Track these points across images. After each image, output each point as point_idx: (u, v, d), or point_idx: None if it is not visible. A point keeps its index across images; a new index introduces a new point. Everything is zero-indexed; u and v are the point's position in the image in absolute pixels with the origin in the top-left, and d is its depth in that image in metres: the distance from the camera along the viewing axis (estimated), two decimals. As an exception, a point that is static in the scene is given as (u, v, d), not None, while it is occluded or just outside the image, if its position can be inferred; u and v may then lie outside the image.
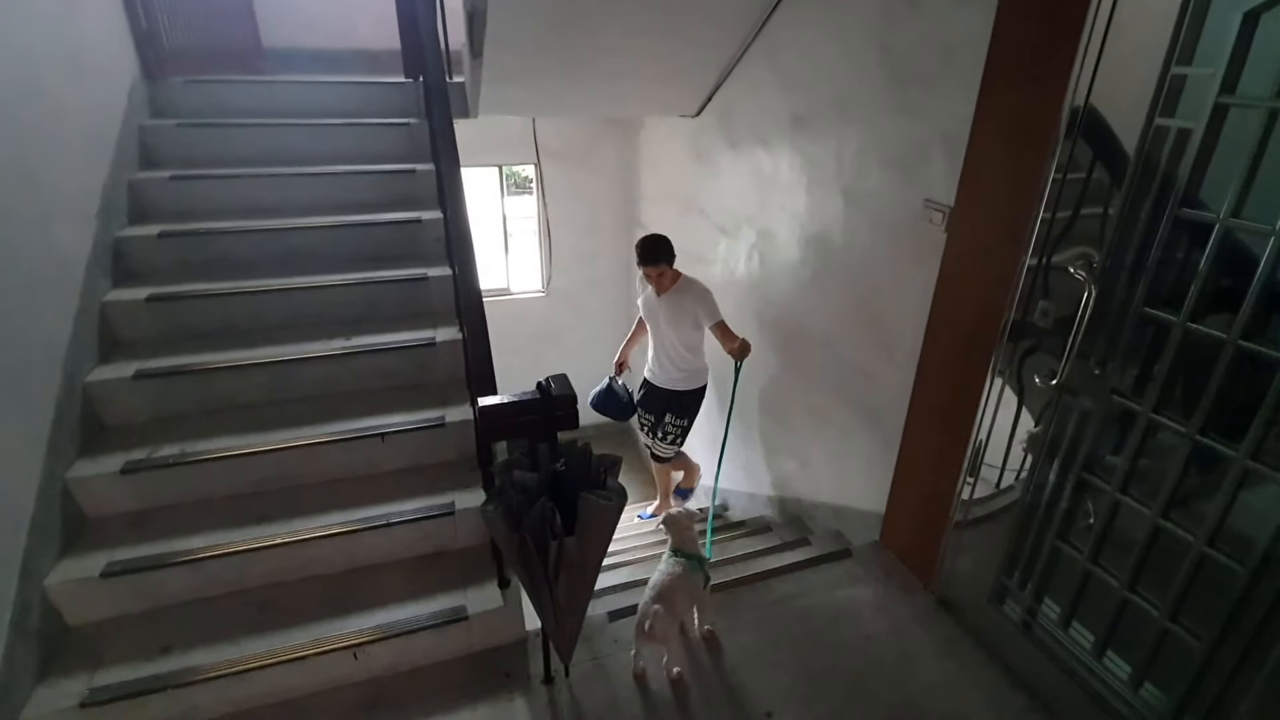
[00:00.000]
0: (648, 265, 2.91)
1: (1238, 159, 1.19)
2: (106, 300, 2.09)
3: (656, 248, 2.91)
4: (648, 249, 2.91)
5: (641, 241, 2.94)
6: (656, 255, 2.90)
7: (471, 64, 2.88)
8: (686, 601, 1.81)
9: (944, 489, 1.97)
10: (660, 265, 2.90)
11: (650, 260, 2.90)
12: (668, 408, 3.28)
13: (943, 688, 1.81)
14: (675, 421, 3.30)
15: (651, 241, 2.93)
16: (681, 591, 1.77)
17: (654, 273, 2.93)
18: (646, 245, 2.92)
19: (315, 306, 2.33)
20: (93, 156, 2.18)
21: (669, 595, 1.74)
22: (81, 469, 1.81)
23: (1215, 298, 1.28)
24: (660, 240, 2.93)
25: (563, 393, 1.38)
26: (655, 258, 2.90)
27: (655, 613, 1.68)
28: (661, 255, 2.90)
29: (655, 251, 2.90)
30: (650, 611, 1.69)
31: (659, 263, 2.90)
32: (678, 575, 1.79)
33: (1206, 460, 1.32)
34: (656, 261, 2.90)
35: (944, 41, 1.89)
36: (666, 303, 3.03)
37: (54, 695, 1.55)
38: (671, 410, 3.29)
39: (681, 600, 1.77)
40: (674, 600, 1.74)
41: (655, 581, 1.78)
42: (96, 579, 1.68)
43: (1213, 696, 1.35)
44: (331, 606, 1.79)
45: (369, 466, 2.05)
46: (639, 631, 1.72)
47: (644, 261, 2.92)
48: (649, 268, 2.93)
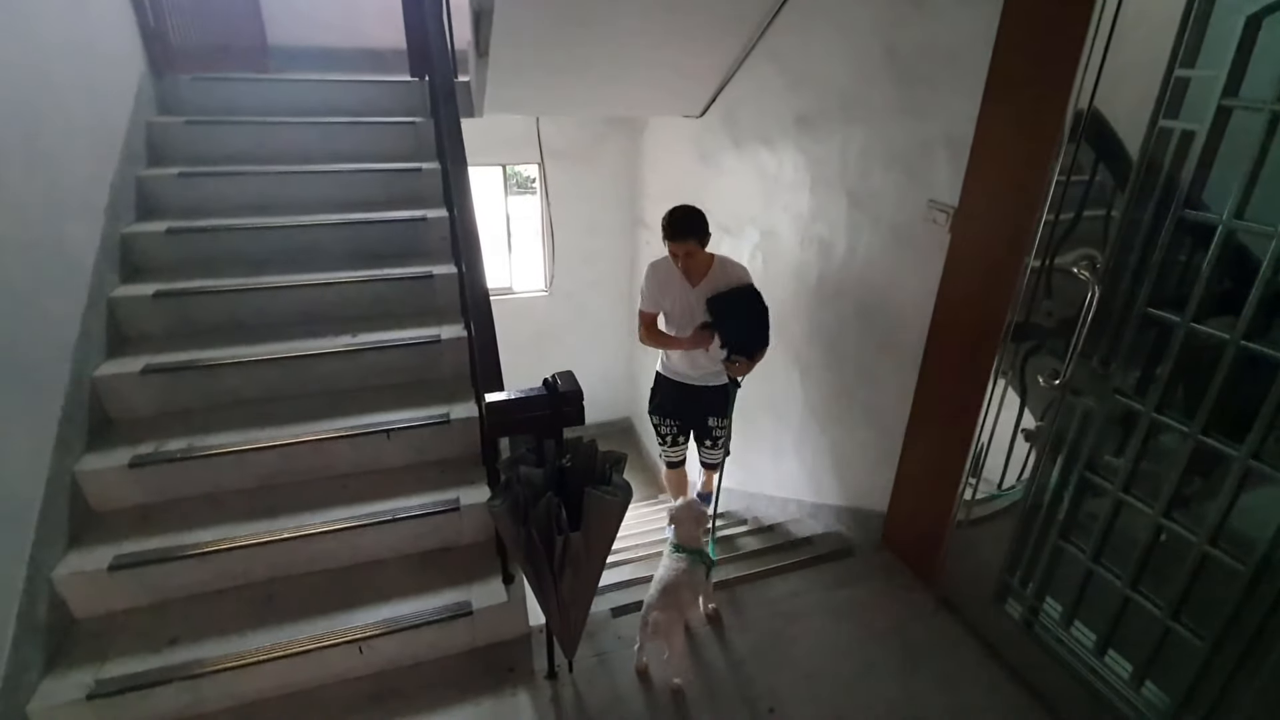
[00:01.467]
0: (676, 241, 2.42)
1: (1241, 161, 1.20)
2: (114, 296, 2.11)
3: (689, 220, 2.42)
4: (679, 221, 2.42)
5: (672, 212, 2.44)
6: (689, 228, 2.40)
7: (477, 63, 2.89)
8: (691, 597, 1.83)
9: (946, 489, 1.98)
10: (690, 241, 2.40)
11: (680, 234, 2.41)
12: (708, 410, 2.79)
13: (944, 686, 1.82)
14: (721, 424, 2.81)
15: (684, 212, 2.43)
16: (686, 587, 1.78)
17: (682, 250, 2.42)
18: (678, 217, 2.43)
19: (321, 303, 2.34)
20: (101, 153, 2.19)
21: (674, 592, 1.75)
22: (89, 463, 1.83)
23: (1218, 299, 1.29)
24: (694, 212, 2.43)
25: (569, 389, 1.38)
26: (687, 231, 2.40)
27: (660, 609, 1.69)
28: (694, 229, 2.41)
29: (688, 224, 2.41)
30: (655, 608, 1.70)
31: (690, 238, 2.41)
32: (682, 571, 1.80)
33: (1208, 461, 1.33)
34: (687, 236, 2.41)
35: (949, 43, 1.90)
36: (703, 291, 2.52)
37: (61, 687, 1.56)
38: (714, 412, 2.80)
39: (686, 596, 1.79)
40: (679, 596, 1.75)
41: (660, 578, 1.79)
42: (104, 572, 1.69)
43: (1214, 695, 1.36)
44: (337, 601, 1.80)
45: (375, 462, 2.07)
46: (644, 627, 1.73)
47: (673, 236, 2.42)
48: (677, 244, 2.43)
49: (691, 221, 2.42)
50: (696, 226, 2.42)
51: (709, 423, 2.81)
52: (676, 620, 1.74)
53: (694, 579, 1.82)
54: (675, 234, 2.41)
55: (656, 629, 1.71)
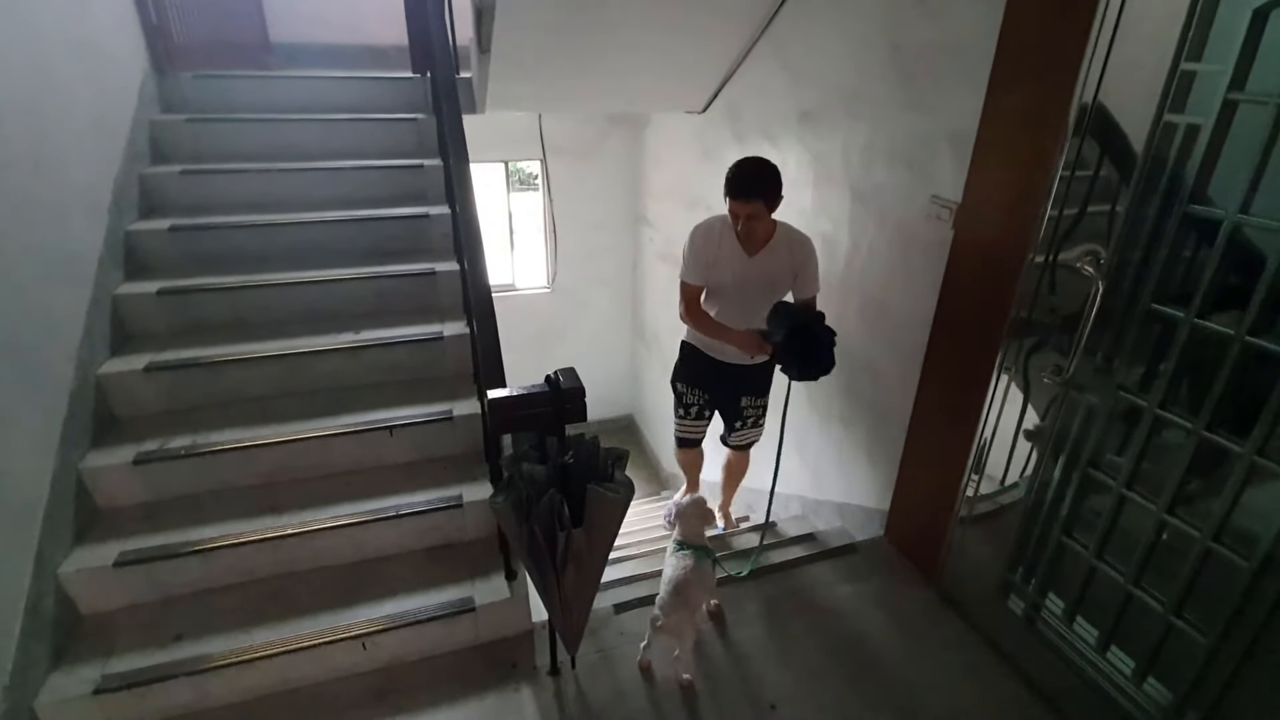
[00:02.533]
0: (741, 199, 1.98)
1: (1246, 155, 1.20)
2: (118, 293, 2.11)
3: (761, 175, 1.97)
4: (749, 173, 1.98)
5: (741, 163, 1.99)
6: (758, 185, 1.97)
7: (479, 59, 2.88)
8: (700, 594, 1.83)
9: (949, 485, 1.98)
10: (757, 202, 1.97)
11: (746, 191, 1.96)
12: (740, 389, 2.48)
13: (947, 682, 1.82)
14: (756, 402, 2.52)
15: (755, 165, 1.98)
16: (696, 584, 1.78)
17: (745, 212, 1.99)
18: (747, 168, 1.98)
19: (324, 300, 2.35)
20: (104, 150, 2.19)
21: (684, 591, 1.75)
22: (94, 460, 1.83)
23: (1223, 294, 1.28)
24: (767, 166, 1.99)
25: (572, 386, 1.38)
26: (755, 188, 1.97)
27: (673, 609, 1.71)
28: (764, 187, 1.97)
29: (759, 180, 1.97)
30: (668, 608, 1.71)
31: (757, 198, 1.97)
32: (691, 569, 1.80)
33: (1209, 461, 1.33)
34: (754, 195, 1.97)
35: (953, 37, 1.89)
36: (762, 263, 2.15)
37: (68, 682, 1.57)
38: (748, 391, 2.48)
39: (696, 594, 1.79)
40: (689, 596, 1.76)
41: (670, 576, 1.80)
42: (109, 568, 1.70)
43: (1216, 691, 1.35)
44: (341, 597, 1.81)
45: (378, 459, 2.07)
46: (654, 625, 1.74)
47: (736, 192, 1.98)
48: (741, 203, 1.98)
49: (763, 177, 1.97)
50: (768, 184, 1.98)
51: (741, 402, 2.49)
52: (688, 619, 1.74)
53: (702, 576, 1.82)
54: (740, 190, 1.96)
55: (669, 629, 1.71)
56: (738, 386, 2.46)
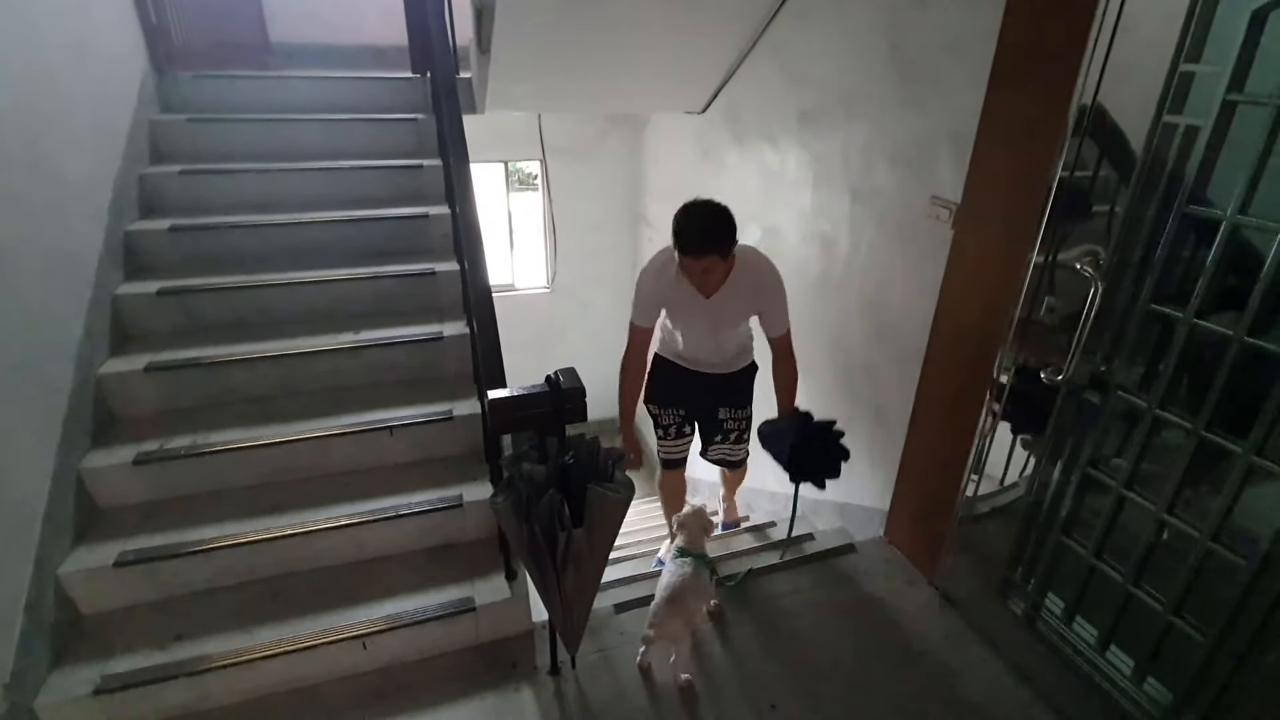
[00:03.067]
0: (693, 255, 1.79)
1: (1245, 156, 1.20)
2: (118, 293, 2.11)
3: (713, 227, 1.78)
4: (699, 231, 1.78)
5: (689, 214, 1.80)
6: (712, 240, 1.78)
7: (479, 60, 2.88)
8: (696, 603, 1.82)
9: (948, 485, 1.98)
10: (712, 256, 1.80)
11: (700, 248, 1.78)
12: (719, 399, 2.29)
13: (946, 682, 1.82)
14: (736, 414, 2.32)
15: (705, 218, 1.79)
16: (691, 592, 1.78)
17: (700, 266, 1.83)
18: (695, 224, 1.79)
19: (324, 301, 2.35)
20: (104, 150, 2.19)
21: (680, 600, 1.74)
22: (94, 460, 1.84)
23: (1222, 294, 1.28)
24: (717, 216, 1.79)
25: (572, 386, 1.38)
26: (709, 244, 1.79)
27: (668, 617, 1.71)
28: (718, 240, 1.79)
29: (711, 234, 1.78)
30: (663, 617, 1.71)
31: (711, 252, 1.79)
32: (688, 576, 1.80)
33: (1206, 465, 1.33)
34: (708, 250, 1.79)
35: (951, 38, 1.90)
36: (721, 303, 1.99)
37: (68, 683, 1.57)
38: (727, 402, 2.29)
39: (691, 601, 1.78)
40: (684, 601, 1.75)
41: (665, 583, 1.79)
42: (109, 568, 1.70)
43: (1216, 691, 1.36)
44: (341, 596, 1.81)
45: (378, 459, 2.07)
46: (649, 632, 1.74)
47: (688, 249, 1.79)
48: (694, 259, 1.80)
49: (715, 230, 1.78)
50: (721, 236, 1.79)
51: (720, 414, 2.31)
52: (684, 626, 1.74)
53: (699, 584, 1.82)
54: (691, 246, 1.79)
55: (665, 636, 1.71)
56: (716, 397, 2.29)
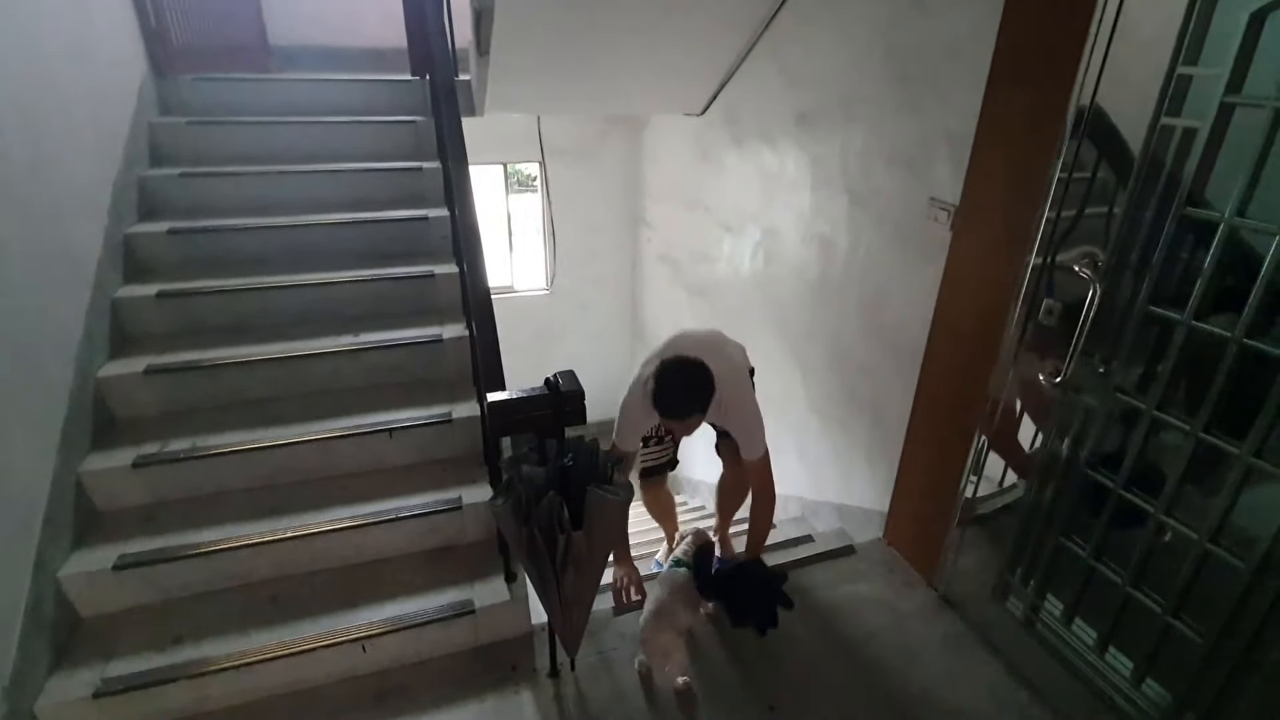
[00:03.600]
0: (675, 418, 1.73)
1: (1243, 158, 1.20)
2: (117, 296, 2.11)
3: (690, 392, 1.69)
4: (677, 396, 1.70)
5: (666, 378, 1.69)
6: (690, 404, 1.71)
7: (478, 62, 2.89)
8: (687, 613, 1.80)
9: (947, 486, 1.98)
10: (694, 418, 1.74)
11: (679, 412, 1.71)
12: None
13: (945, 684, 1.82)
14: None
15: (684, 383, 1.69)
16: (682, 605, 1.77)
17: (682, 428, 1.79)
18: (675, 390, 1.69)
19: (323, 303, 2.35)
20: (103, 153, 2.19)
21: (669, 615, 1.74)
22: (94, 463, 1.83)
23: (1219, 296, 1.29)
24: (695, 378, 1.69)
25: (571, 389, 1.39)
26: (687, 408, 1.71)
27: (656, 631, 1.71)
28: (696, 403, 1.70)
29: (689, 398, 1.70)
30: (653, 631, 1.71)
31: (691, 414, 1.72)
32: (678, 588, 1.79)
33: (1208, 460, 1.33)
34: (688, 413, 1.72)
35: (949, 40, 1.90)
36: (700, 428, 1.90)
37: (67, 685, 1.57)
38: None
39: (682, 613, 1.77)
40: (674, 615, 1.75)
41: (655, 595, 1.79)
42: (109, 571, 1.70)
43: (1214, 693, 1.36)
44: (340, 599, 1.81)
45: (377, 462, 2.07)
46: (643, 645, 1.74)
47: (669, 413, 1.71)
48: (676, 422, 1.74)
49: (693, 393, 1.69)
50: (699, 398, 1.70)
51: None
52: (674, 639, 1.73)
53: (689, 598, 1.81)
54: (672, 412, 1.71)
55: (656, 649, 1.71)
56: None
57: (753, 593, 1.85)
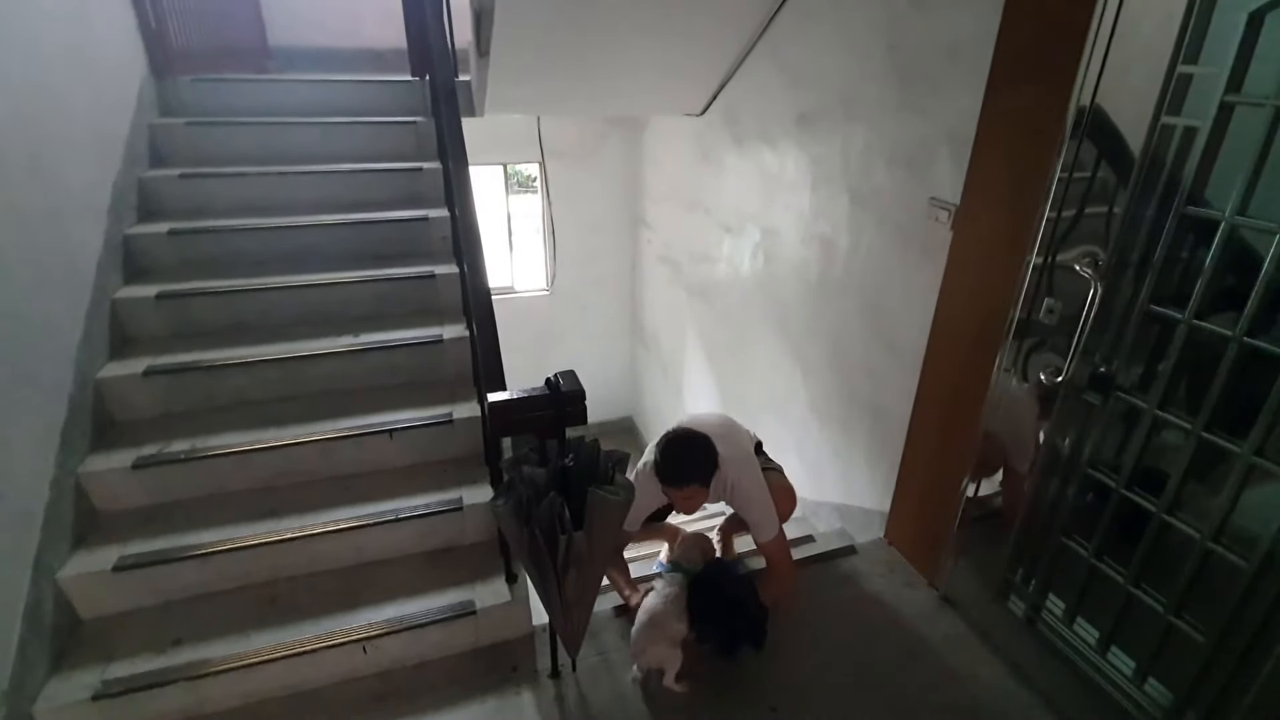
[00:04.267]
0: (675, 486, 1.81)
1: (1243, 158, 1.20)
2: (117, 297, 2.11)
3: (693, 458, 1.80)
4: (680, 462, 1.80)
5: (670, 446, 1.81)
6: (692, 470, 1.79)
7: (478, 63, 2.89)
8: (681, 622, 1.76)
9: (949, 486, 1.98)
10: (694, 485, 1.81)
11: (681, 478, 1.80)
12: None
13: (947, 683, 1.82)
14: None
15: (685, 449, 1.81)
16: (675, 615, 1.75)
17: (682, 496, 1.84)
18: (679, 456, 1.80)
19: (323, 304, 2.35)
20: (103, 154, 2.19)
21: (661, 621, 1.72)
22: (93, 464, 1.83)
23: (1220, 295, 1.29)
24: (697, 447, 1.80)
25: (571, 389, 1.38)
26: (690, 474, 1.79)
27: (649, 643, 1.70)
28: (698, 470, 1.79)
29: (692, 465, 1.79)
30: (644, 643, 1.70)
31: (693, 482, 1.80)
32: (671, 598, 1.77)
33: (1210, 458, 1.33)
34: (689, 480, 1.80)
35: (950, 39, 1.90)
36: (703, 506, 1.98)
37: (67, 687, 1.57)
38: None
39: (675, 623, 1.74)
40: (666, 625, 1.72)
41: (647, 605, 1.76)
42: (108, 573, 1.70)
43: (1217, 692, 1.36)
44: (341, 601, 1.81)
45: (378, 462, 2.07)
46: (635, 657, 1.72)
47: (669, 479, 1.80)
48: (675, 490, 1.82)
49: (695, 460, 1.79)
50: (701, 466, 1.79)
51: None
52: (669, 648, 1.71)
53: (681, 608, 1.78)
54: (673, 477, 1.80)
55: (651, 660, 1.70)
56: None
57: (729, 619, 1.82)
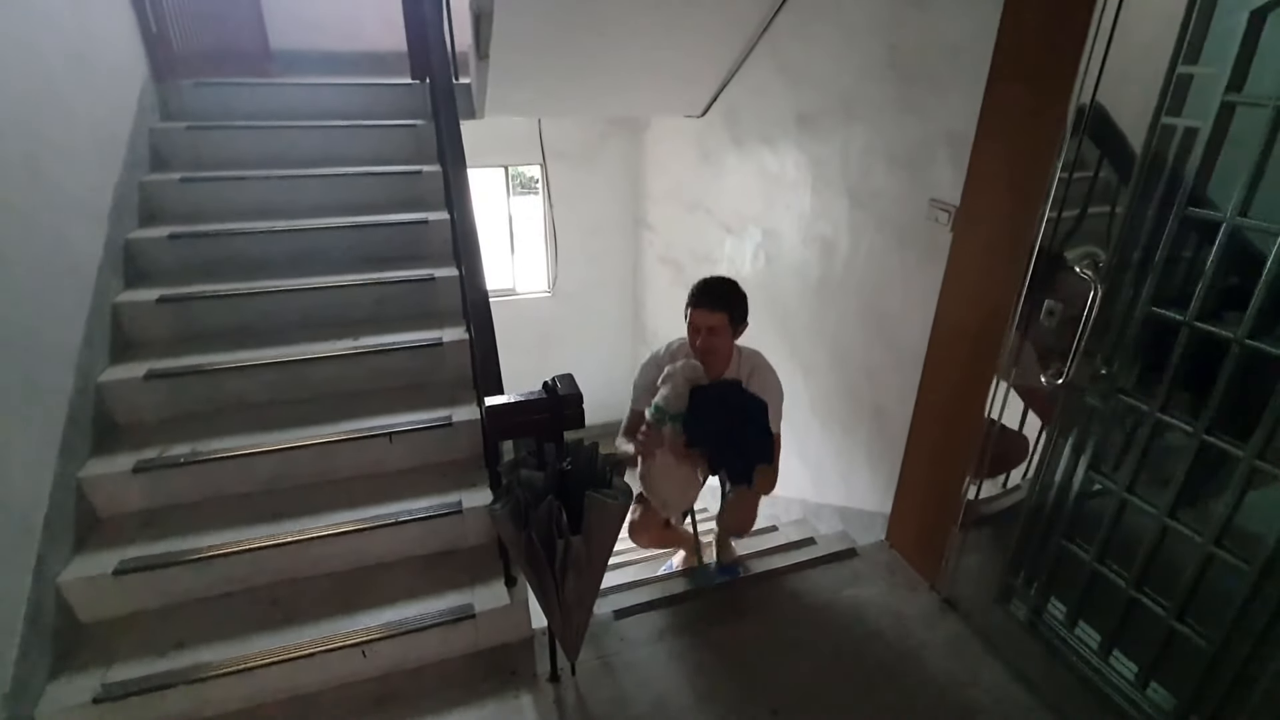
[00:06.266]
0: (703, 308, 1.91)
1: (1245, 158, 1.19)
2: (118, 301, 2.12)
3: (726, 288, 1.93)
4: (714, 287, 1.93)
5: (706, 279, 1.96)
6: (723, 298, 1.92)
7: (478, 65, 2.89)
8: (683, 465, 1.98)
9: (950, 488, 1.97)
10: (720, 314, 1.91)
11: (711, 302, 1.91)
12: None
13: (948, 687, 1.81)
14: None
15: (722, 280, 1.96)
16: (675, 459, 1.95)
17: (706, 324, 1.92)
18: (713, 282, 1.94)
19: (324, 307, 2.35)
20: (104, 158, 2.20)
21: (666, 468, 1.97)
22: (94, 468, 1.84)
23: (1222, 297, 1.27)
24: (735, 284, 1.96)
25: (569, 392, 1.38)
26: (720, 300, 1.91)
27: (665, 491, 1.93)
28: (729, 300, 1.92)
29: (724, 292, 1.93)
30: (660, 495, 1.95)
31: (721, 309, 1.91)
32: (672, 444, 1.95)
33: (1213, 461, 1.32)
34: (719, 306, 1.91)
35: (950, 40, 1.89)
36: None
37: (68, 691, 1.57)
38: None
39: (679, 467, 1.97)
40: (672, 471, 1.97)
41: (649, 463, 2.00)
42: (109, 577, 1.70)
43: (1219, 696, 1.34)
44: (341, 604, 1.81)
45: (377, 465, 2.07)
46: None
47: (699, 302, 1.92)
48: (703, 312, 1.91)
49: (731, 291, 1.93)
50: (734, 299, 1.93)
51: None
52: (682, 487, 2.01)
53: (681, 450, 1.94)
54: (704, 299, 1.91)
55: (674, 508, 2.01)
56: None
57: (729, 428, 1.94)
